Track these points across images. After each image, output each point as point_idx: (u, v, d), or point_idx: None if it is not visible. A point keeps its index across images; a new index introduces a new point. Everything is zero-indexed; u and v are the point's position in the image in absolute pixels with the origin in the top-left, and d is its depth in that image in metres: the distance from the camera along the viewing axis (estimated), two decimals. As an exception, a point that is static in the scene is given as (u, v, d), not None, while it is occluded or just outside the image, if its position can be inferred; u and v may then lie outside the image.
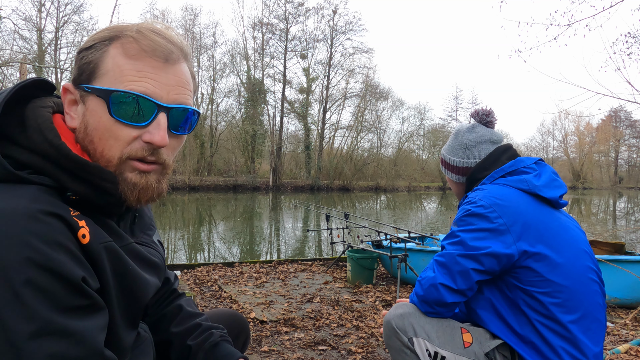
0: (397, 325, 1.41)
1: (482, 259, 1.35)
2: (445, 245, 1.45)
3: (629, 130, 66.48)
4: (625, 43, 6.68)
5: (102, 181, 0.72)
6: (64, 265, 0.63)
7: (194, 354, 0.99)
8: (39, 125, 0.72)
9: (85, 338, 0.65)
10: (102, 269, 0.71)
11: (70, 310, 0.64)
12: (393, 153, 45.59)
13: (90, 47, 0.75)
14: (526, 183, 1.44)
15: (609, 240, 4.82)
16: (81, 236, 0.68)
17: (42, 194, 0.67)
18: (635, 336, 3.16)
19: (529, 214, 1.37)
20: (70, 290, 0.64)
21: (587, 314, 1.35)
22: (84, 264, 0.67)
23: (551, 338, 1.31)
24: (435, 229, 12.34)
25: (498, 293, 1.40)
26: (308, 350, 2.79)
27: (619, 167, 68.36)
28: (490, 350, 1.36)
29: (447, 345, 1.37)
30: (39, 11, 29.44)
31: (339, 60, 42.32)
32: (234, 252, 9.12)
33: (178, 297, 1.11)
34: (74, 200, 0.72)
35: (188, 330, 1.03)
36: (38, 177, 0.69)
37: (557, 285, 1.32)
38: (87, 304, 0.67)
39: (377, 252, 4.76)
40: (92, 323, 0.67)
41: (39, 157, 0.70)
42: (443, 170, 1.74)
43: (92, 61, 0.74)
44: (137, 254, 0.82)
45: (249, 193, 32.26)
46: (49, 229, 0.63)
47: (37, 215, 0.63)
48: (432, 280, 1.40)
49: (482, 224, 1.37)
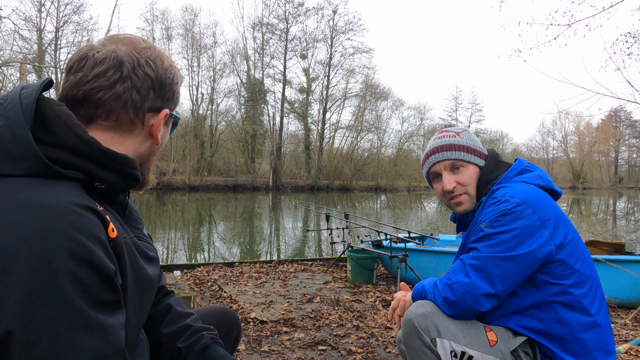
0: (419, 324, 1.36)
1: (523, 260, 1.32)
2: (479, 248, 1.38)
3: (629, 130, 66.52)
4: (625, 43, 6.69)
5: (130, 169, 0.79)
6: (101, 259, 0.65)
7: (184, 357, 0.99)
8: (64, 122, 0.73)
9: (112, 334, 0.66)
10: (124, 265, 0.73)
11: (102, 304, 0.66)
12: (393, 153, 45.60)
13: (177, 81, 0.92)
14: (542, 179, 1.47)
15: (609, 240, 4.82)
16: (111, 230, 0.71)
17: (76, 190, 0.71)
18: (635, 336, 3.16)
19: (554, 207, 1.40)
20: (104, 284, 0.66)
21: (604, 304, 1.40)
22: (112, 258, 0.70)
23: (580, 332, 1.32)
24: (435, 229, 12.34)
25: (523, 291, 1.39)
26: (308, 350, 2.79)
27: (619, 167, 68.38)
28: (515, 347, 1.35)
29: (474, 344, 1.34)
30: (39, 11, 29.46)
31: (339, 60, 42.41)
32: (234, 252, 9.12)
33: (167, 295, 1.11)
34: (100, 191, 0.76)
35: (178, 332, 1.02)
36: (71, 172, 0.72)
37: (582, 275, 1.35)
38: (114, 300, 0.68)
39: (377, 252, 4.76)
40: (117, 320, 0.68)
41: (68, 152, 0.72)
42: (464, 156, 1.56)
43: (176, 92, 0.93)
44: (137, 247, 0.83)
45: (249, 193, 32.26)
46: (88, 222, 0.66)
47: (77, 210, 0.66)
48: (469, 287, 1.34)
49: (519, 222, 1.33)
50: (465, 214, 1.59)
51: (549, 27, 6.57)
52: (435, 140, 1.62)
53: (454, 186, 1.55)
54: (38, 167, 0.68)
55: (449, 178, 1.56)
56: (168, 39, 38.00)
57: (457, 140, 1.58)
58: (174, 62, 0.90)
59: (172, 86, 0.88)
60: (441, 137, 1.61)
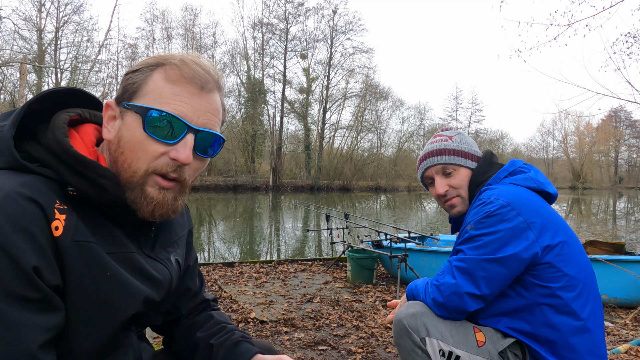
0: (409, 324, 1.39)
1: (507, 262, 1.33)
2: (464, 250, 1.40)
3: (629, 130, 66.52)
4: (625, 43, 6.70)
5: (100, 177, 0.75)
6: (18, 250, 0.64)
7: (215, 352, 1.01)
8: (53, 125, 0.79)
9: (18, 332, 0.63)
10: (68, 266, 0.71)
11: (16, 299, 0.63)
12: (393, 153, 45.58)
13: (136, 70, 0.83)
14: (533, 181, 1.47)
15: (609, 240, 4.82)
16: (54, 228, 0.69)
17: (36, 183, 0.71)
18: (635, 336, 3.16)
19: (543, 209, 1.39)
20: (17, 277, 0.63)
21: (598, 308, 1.38)
22: (44, 254, 0.67)
23: (570, 336, 1.31)
24: (435, 229, 12.34)
25: (512, 292, 1.39)
26: (308, 350, 2.79)
27: (619, 167, 68.39)
28: (503, 349, 1.36)
29: (462, 344, 1.35)
30: (39, 11, 29.43)
31: (339, 60, 42.41)
32: (234, 252, 9.12)
33: (210, 308, 1.14)
34: (72, 197, 0.75)
35: (213, 332, 1.05)
36: (41, 169, 0.74)
37: (572, 279, 1.34)
38: (34, 297, 0.65)
39: (377, 252, 4.76)
40: (34, 319, 0.65)
41: (47, 152, 0.76)
42: (454, 160, 1.59)
43: (136, 82, 0.82)
44: (132, 263, 0.81)
45: (249, 193, 32.26)
46: (20, 211, 0.66)
47: (14, 197, 0.66)
48: (455, 288, 1.37)
49: (503, 224, 1.34)
50: (460, 216, 1.62)
51: (549, 27, 6.58)
52: (428, 145, 1.67)
53: (446, 190, 1.60)
54: (12, 161, 0.73)
55: (441, 182, 1.60)
56: (168, 39, 38.04)
57: (448, 145, 1.62)
58: (147, 60, 0.84)
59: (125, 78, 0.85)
60: (433, 142, 1.66)
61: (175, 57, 0.83)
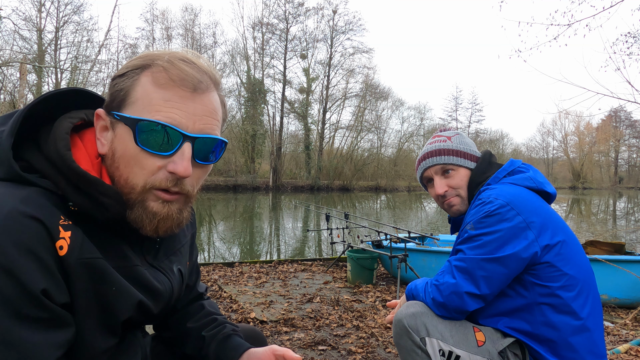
0: (409, 324, 1.39)
1: (507, 262, 1.33)
2: (464, 249, 1.41)
3: (629, 130, 66.53)
4: (625, 43, 6.70)
5: (101, 195, 0.72)
6: (26, 273, 0.62)
7: (207, 345, 1.02)
8: (55, 134, 0.74)
9: (32, 352, 0.62)
10: (75, 284, 0.69)
11: (24, 319, 0.62)
12: (393, 153, 45.59)
13: (123, 74, 0.77)
14: (532, 181, 1.48)
15: (609, 240, 4.82)
16: (59, 247, 0.67)
17: (38, 197, 0.67)
18: (635, 336, 3.16)
19: (541, 208, 1.40)
20: (27, 300, 0.62)
21: (597, 307, 1.38)
22: (52, 275, 0.66)
23: (569, 336, 1.32)
24: (435, 229, 12.34)
25: (512, 292, 1.40)
26: (308, 350, 2.79)
27: (619, 167, 68.40)
28: (503, 348, 1.36)
29: (462, 344, 1.36)
30: (39, 11, 29.42)
31: (339, 60, 42.41)
32: (234, 252, 9.11)
33: (201, 298, 1.15)
34: (74, 212, 0.72)
35: (204, 324, 1.06)
36: (41, 181, 0.70)
37: (572, 278, 1.34)
38: (44, 317, 0.65)
39: (377, 252, 4.76)
40: (46, 338, 0.65)
41: (48, 163, 0.72)
42: (454, 160, 1.60)
43: (124, 89, 0.75)
44: (135, 277, 0.81)
45: (249, 193, 32.26)
46: (24, 232, 0.63)
47: (17, 217, 0.63)
48: (455, 288, 1.37)
49: (503, 224, 1.35)
50: (459, 216, 1.62)
51: (549, 27, 6.58)
52: (427, 146, 1.68)
53: (445, 190, 1.60)
54: (11, 172, 0.69)
55: (440, 182, 1.61)
56: (168, 39, 38.04)
57: (447, 145, 1.62)
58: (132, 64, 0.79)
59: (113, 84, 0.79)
60: (432, 142, 1.66)
61: (162, 56, 0.76)
